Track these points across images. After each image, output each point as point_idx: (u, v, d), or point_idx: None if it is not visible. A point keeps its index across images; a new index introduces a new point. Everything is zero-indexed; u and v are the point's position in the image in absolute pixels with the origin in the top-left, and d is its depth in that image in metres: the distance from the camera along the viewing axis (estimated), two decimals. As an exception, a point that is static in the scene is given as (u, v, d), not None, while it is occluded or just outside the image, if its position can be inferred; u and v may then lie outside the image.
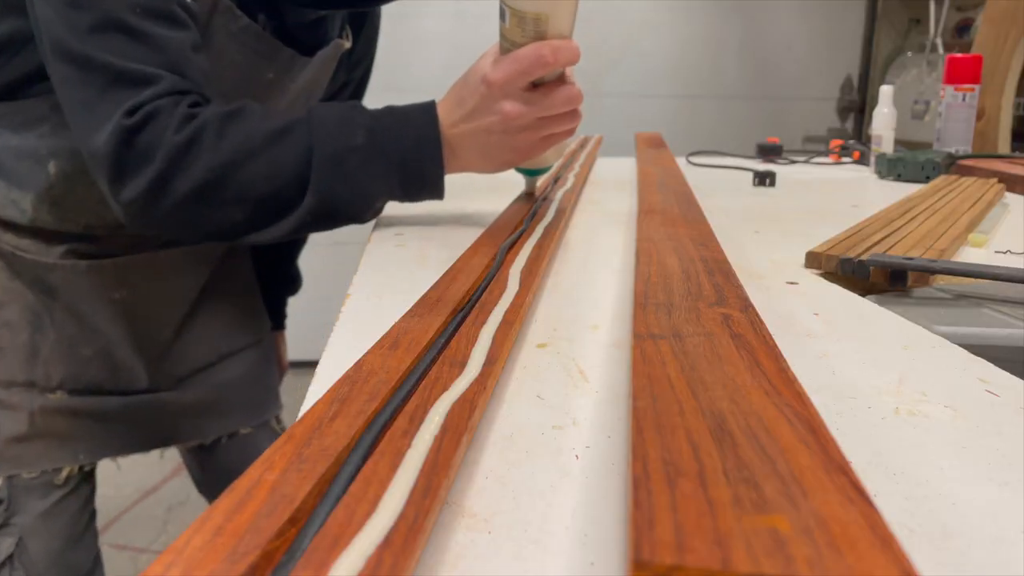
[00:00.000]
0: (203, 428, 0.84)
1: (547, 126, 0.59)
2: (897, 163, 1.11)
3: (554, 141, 0.62)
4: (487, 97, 0.58)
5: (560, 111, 0.58)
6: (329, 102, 0.62)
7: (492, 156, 0.61)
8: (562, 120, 0.59)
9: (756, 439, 0.22)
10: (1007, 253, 0.63)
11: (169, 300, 0.78)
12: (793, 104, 2.67)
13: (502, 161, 0.62)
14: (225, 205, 0.57)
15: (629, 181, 1.00)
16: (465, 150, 0.61)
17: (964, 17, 2.37)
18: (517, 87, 0.57)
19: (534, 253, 0.52)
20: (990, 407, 0.32)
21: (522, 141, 0.60)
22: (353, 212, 0.60)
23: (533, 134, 0.59)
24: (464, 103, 0.59)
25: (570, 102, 0.58)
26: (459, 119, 0.60)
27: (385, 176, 0.59)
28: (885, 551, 0.17)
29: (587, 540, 0.23)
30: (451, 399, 0.28)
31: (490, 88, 0.57)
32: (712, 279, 0.42)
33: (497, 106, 0.58)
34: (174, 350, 0.79)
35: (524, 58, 0.55)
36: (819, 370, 0.36)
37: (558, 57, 0.55)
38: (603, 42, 2.55)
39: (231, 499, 0.21)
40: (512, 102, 0.57)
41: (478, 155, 0.61)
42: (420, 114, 0.61)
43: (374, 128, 0.59)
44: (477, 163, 0.62)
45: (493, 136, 0.59)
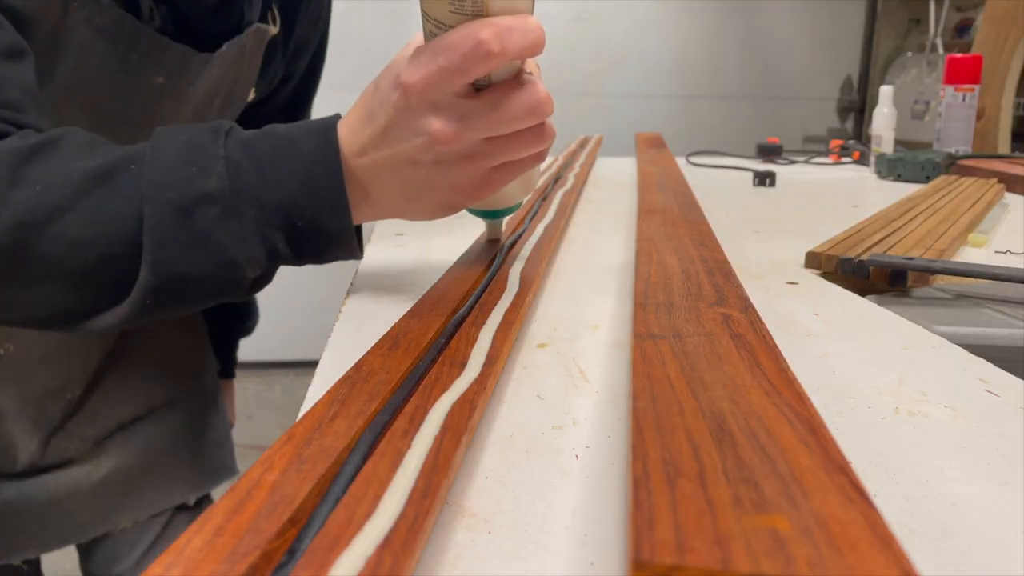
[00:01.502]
0: (128, 506, 0.65)
1: (500, 150, 0.39)
2: (897, 163, 1.11)
3: (514, 172, 0.41)
4: (404, 110, 0.38)
5: (517, 126, 0.38)
6: (183, 125, 0.42)
7: (422, 197, 0.41)
8: (522, 140, 0.39)
9: (756, 439, 0.22)
10: (1007, 253, 0.63)
11: (75, 350, 0.60)
12: (793, 104, 2.67)
13: (438, 203, 0.42)
14: (28, 282, 0.39)
15: (629, 181, 1.00)
16: (381, 189, 0.41)
17: (964, 17, 2.37)
18: (446, 93, 0.37)
19: (534, 253, 0.52)
20: (990, 407, 0.32)
21: (464, 175, 0.40)
22: (214, 289, 0.40)
23: (479, 163, 0.39)
24: (374, 118, 0.39)
25: (532, 113, 0.37)
26: (369, 143, 0.40)
27: (259, 234, 0.40)
28: (885, 551, 0.17)
29: (587, 540, 0.23)
30: (451, 399, 0.28)
31: (406, 95, 0.37)
32: (712, 279, 0.42)
33: (419, 123, 0.38)
34: (84, 410, 0.61)
35: (453, 48, 0.35)
36: (819, 370, 0.36)
37: (506, 44, 0.35)
38: (603, 42, 2.55)
39: (231, 499, 0.21)
40: (441, 117, 0.37)
41: (401, 196, 0.41)
42: (312, 138, 0.40)
43: (239, 163, 0.39)
44: (402, 207, 0.42)
45: (420, 168, 0.39)
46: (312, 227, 0.40)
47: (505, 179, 0.41)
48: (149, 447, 0.66)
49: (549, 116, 0.38)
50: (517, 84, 0.37)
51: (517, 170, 0.41)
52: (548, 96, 0.37)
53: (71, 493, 0.61)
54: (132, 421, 0.65)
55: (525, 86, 0.37)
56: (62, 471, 0.60)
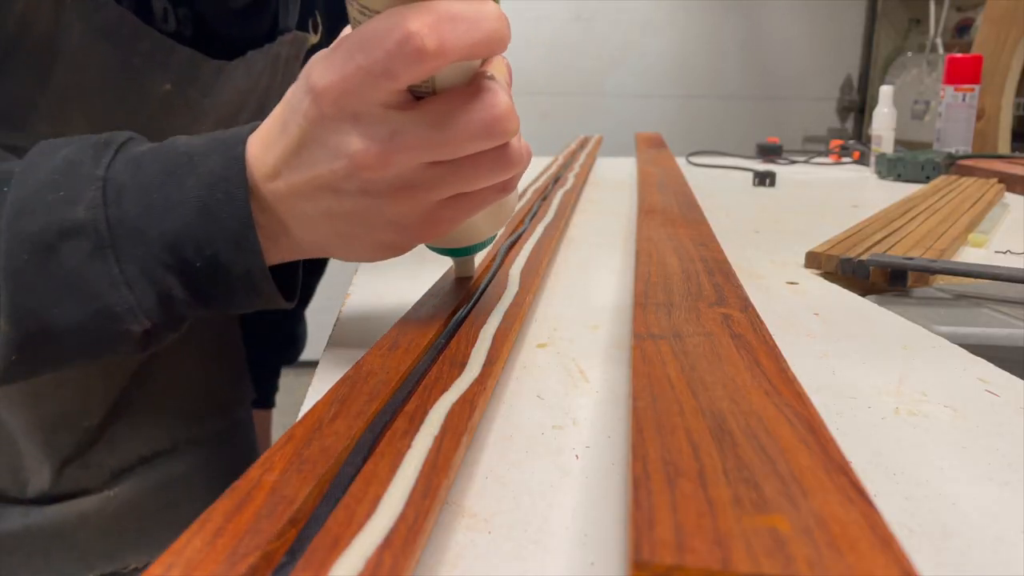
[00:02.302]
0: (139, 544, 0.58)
1: (448, 180, 0.30)
2: (897, 163, 1.11)
3: (470, 207, 0.32)
4: (317, 122, 0.29)
5: (469, 148, 0.29)
6: (80, 136, 0.34)
7: (355, 235, 0.32)
8: (478, 167, 0.30)
9: (756, 439, 0.22)
10: (1007, 253, 0.63)
11: (94, 376, 0.53)
12: (793, 104, 2.67)
13: (376, 243, 0.33)
14: None
15: (629, 181, 1.00)
16: (302, 222, 0.32)
17: (964, 17, 2.37)
18: (370, 102, 0.28)
19: (534, 253, 0.52)
20: (990, 407, 0.32)
21: (403, 210, 0.31)
22: (94, 344, 0.33)
23: (422, 196, 0.30)
24: (287, 131, 0.30)
25: (487, 131, 0.28)
26: (282, 162, 0.31)
27: (145, 276, 0.31)
28: (885, 551, 0.17)
29: (587, 540, 0.23)
30: (451, 399, 0.28)
31: (317, 104, 0.28)
32: (712, 279, 0.42)
33: (337, 140, 0.29)
34: (104, 439, 0.55)
35: (374, 42, 0.26)
36: (819, 370, 0.36)
37: (446, 39, 0.26)
38: (603, 42, 2.55)
39: (231, 500, 0.21)
40: (364, 134, 0.28)
41: (329, 232, 0.32)
42: (214, 154, 0.32)
43: (121, 186, 0.31)
44: (331, 246, 0.33)
45: (345, 199, 0.30)
46: (214, 267, 0.32)
47: (459, 216, 0.32)
48: (168, 483, 0.58)
49: (512, 135, 0.28)
50: (470, 93, 0.28)
51: (474, 205, 0.32)
52: (510, 110, 0.28)
53: (80, 525, 0.55)
54: (154, 455, 0.57)
55: (480, 96, 0.28)
56: (73, 501, 0.54)
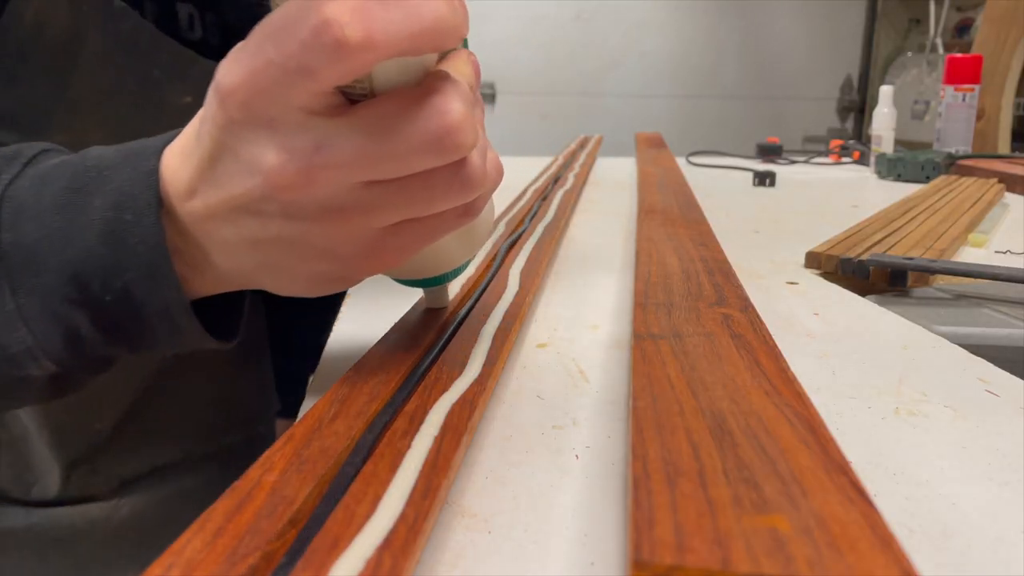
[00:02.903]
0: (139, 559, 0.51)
1: (392, 202, 0.25)
2: (897, 163, 1.11)
3: (423, 236, 0.27)
4: (226, 130, 0.24)
5: (415, 164, 0.24)
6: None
7: (285, 267, 0.27)
8: (428, 187, 0.25)
9: (756, 439, 0.22)
10: (1007, 253, 0.63)
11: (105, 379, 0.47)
12: (793, 104, 2.67)
13: (313, 276, 0.28)
14: None
15: (629, 181, 1.00)
16: (225, 250, 0.27)
17: (964, 17, 2.37)
18: (287, 105, 0.23)
19: (534, 253, 0.52)
20: (990, 407, 0.32)
21: (337, 237, 0.26)
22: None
23: (359, 221, 0.25)
24: (200, 141, 0.25)
25: (434, 144, 0.23)
26: (198, 178, 0.26)
27: (47, 312, 0.27)
28: (885, 551, 0.17)
29: (587, 540, 0.23)
30: (451, 399, 0.28)
31: (223, 107, 0.24)
32: (712, 279, 0.42)
33: (249, 152, 0.24)
34: (116, 445, 0.51)
35: (287, 32, 0.22)
36: (819, 370, 0.36)
37: (373, 28, 0.21)
38: (603, 42, 2.55)
39: (231, 500, 0.21)
40: (280, 145, 0.23)
41: (258, 262, 0.27)
42: (125, 167, 0.27)
43: (21, 206, 0.27)
44: (261, 278, 0.28)
45: (269, 223, 0.25)
46: (126, 302, 0.27)
47: (410, 245, 0.26)
48: (178, 497, 0.54)
49: (466, 149, 0.23)
50: (416, 97, 0.23)
51: (427, 233, 0.26)
52: (462, 118, 0.23)
53: (83, 533, 0.52)
54: (166, 466, 0.54)
55: (427, 101, 0.23)
56: (79, 507, 0.51)
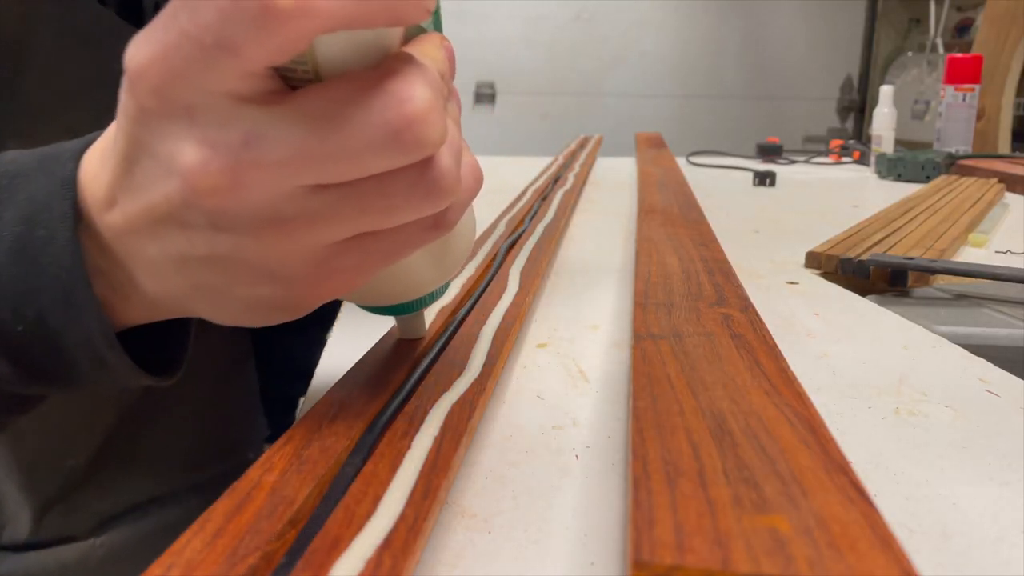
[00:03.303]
0: None
1: (344, 211, 0.20)
2: (897, 163, 1.11)
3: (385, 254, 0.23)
4: (139, 120, 0.20)
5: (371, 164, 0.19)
6: None
7: (220, 291, 0.23)
8: (386, 192, 0.20)
9: (756, 439, 0.22)
10: (1007, 253, 0.63)
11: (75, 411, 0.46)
12: (793, 104, 2.67)
13: (254, 303, 0.23)
14: None
15: (629, 181, 1.00)
16: (151, 270, 0.23)
17: (964, 17, 2.37)
18: (207, 90, 0.19)
19: (534, 253, 0.52)
20: (990, 407, 0.32)
21: (277, 256, 0.22)
22: None
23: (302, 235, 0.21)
24: (117, 139, 0.21)
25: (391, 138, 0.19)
26: (116, 182, 0.22)
27: None
28: (885, 551, 0.17)
29: (587, 540, 0.23)
30: (451, 400, 0.28)
31: (133, 91, 0.19)
32: (712, 279, 0.42)
33: (168, 149, 0.20)
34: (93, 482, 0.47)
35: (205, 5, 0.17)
36: (819, 370, 0.36)
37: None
38: (603, 42, 2.55)
39: (231, 501, 0.21)
40: (199, 137, 0.19)
41: (188, 285, 0.23)
42: (40, 174, 0.23)
43: None
44: (195, 304, 0.24)
45: (196, 237, 0.21)
46: (41, 331, 0.23)
47: (368, 265, 0.22)
48: (162, 532, 0.48)
49: (432, 145, 0.19)
50: (370, 82, 0.19)
51: (390, 250, 0.22)
52: (427, 107, 0.19)
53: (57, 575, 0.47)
54: (149, 501, 0.49)
55: (383, 86, 0.19)
56: (54, 549, 0.47)
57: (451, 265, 0.29)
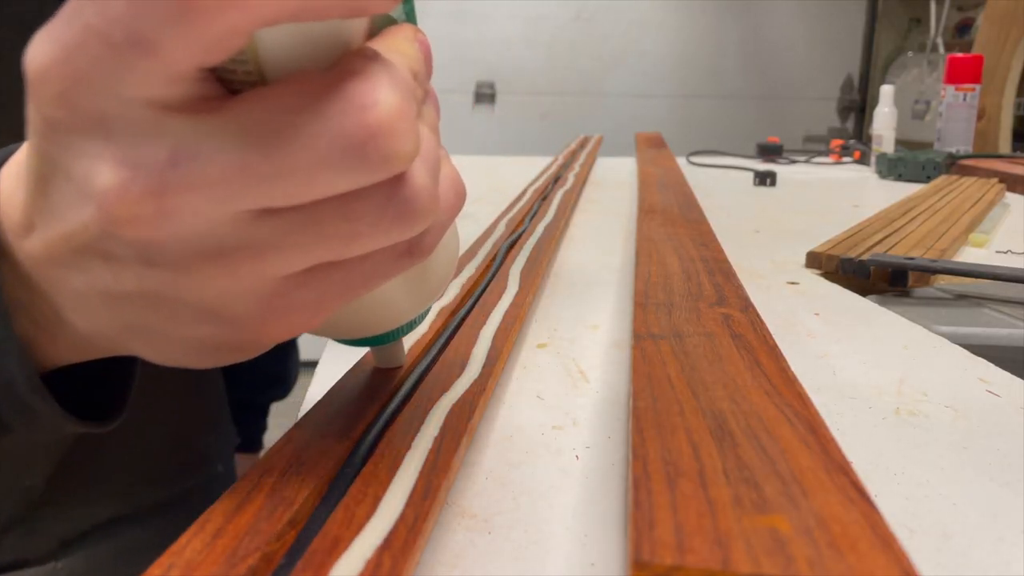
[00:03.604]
0: None
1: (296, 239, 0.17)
2: (898, 163, 1.11)
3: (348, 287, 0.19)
4: (46, 134, 0.17)
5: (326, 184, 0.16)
6: None
7: (154, 330, 0.20)
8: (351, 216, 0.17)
9: (756, 439, 0.22)
10: (1008, 253, 0.63)
11: None
12: (793, 104, 2.67)
13: (190, 344, 0.20)
14: None
15: (629, 181, 0.99)
16: (75, 305, 0.20)
17: (964, 17, 2.37)
18: (122, 95, 0.15)
19: (534, 253, 0.52)
20: (991, 407, 0.32)
21: (218, 292, 0.18)
22: None
23: (247, 268, 0.18)
24: (30, 153, 0.18)
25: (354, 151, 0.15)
26: (32, 204, 0.18)
27: None
28: (886, 551, 0.17)
29: (587, 540, 0.23)
30: (451, 400, 0.28)
31: (36, 100, 0.16)
32: (712, 279, 0.42)
33: (83, 168, 0.16)
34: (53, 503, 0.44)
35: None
36: (820, 370, 0.36)
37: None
38: (603, 41, 2.55)
39: (230, 501, 0.21)
40: (116, 158, 0.16)
41: (115, 323, 0.20)
42: None
43: None
44: (127, 343, 0.21)
45: (123, 272, 0.18)
46: None
47: (328, 300, 0.19)
48: (129, 552, 0.46)
49: (401, 159, 0.16)
50: (325, 84, 0.16)
51: (352, 282, 0.19)
52: (395, 115, 0.16)
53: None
54: (112, 520, 0.45)
55: (341, 89, 0.16)
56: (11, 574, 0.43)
57: (431, 291, 0.25)
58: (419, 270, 0.24)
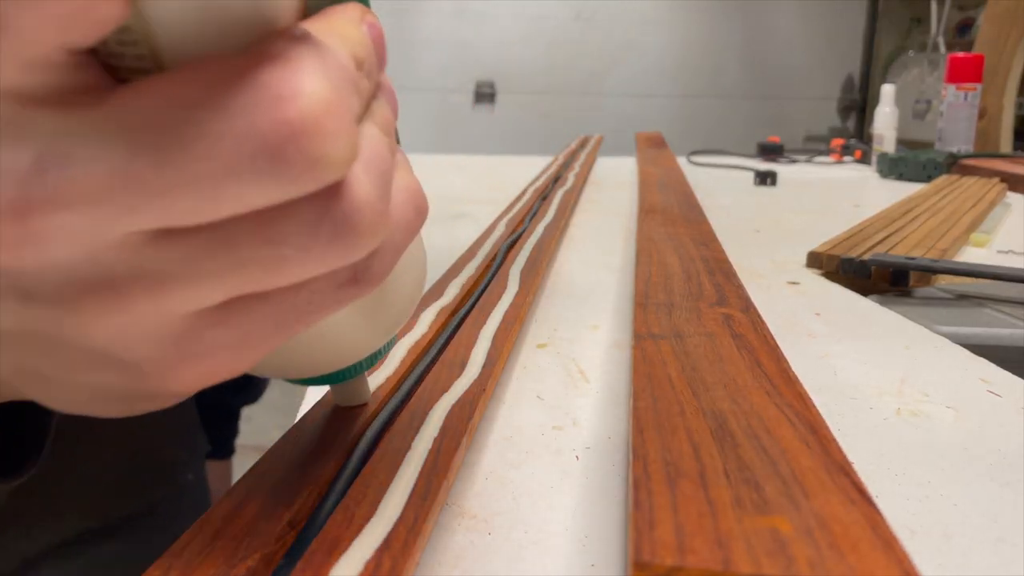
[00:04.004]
0: None
1: (206, 264, 0.13)
2: (899, 162, 1.11)
3: (277, 324, 0.15)
4: None
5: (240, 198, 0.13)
6: None
7: (46, 376, 0.16)
8: (275, 237, 0.13)
9: (757, 439, 0.22)
10: (1009, 253, 0.63)
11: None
12: (794, 103, 2.67)
13: (89, 391, 0.16)
14: None
15: (629, 181, 0.99)
16: None
17: (965, 16, 2.37)
18: None
19: (534, 253, 0.52)
20: (992, 407, 0.32)
21: (111, 331, 0.14)
22: None
23: (143, 303, 0.14)
24: None
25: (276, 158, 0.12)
26: None
27: None
28: (887, 552, 0.17)
29: (587, 541, 0.23)
30: (451, 400, 0.28)
31: None
32: (713, 279, 0.42)
33: None
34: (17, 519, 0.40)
35: None
36: (820, 370, 0.36)
37: None
38: (603, 41, 2.55)
39: (229, 502, 0.20)
40: None
41: (9, 368, 0.16)
42: None
43: None
44: (26, 389, 0.17)
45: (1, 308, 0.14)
46: None
47: (253, 342, 0.16)
48: (97, 569, 0.44)
49: (333, 167, 0.13)
50: (235, 71, 0.13)
51: (283, 318, 0.15)
52: (325, 109, 0.13)
53: None
54: (79, 537, 0.43)
55: (255, 76, 0.12)
56: None
57: (392, 320, 0.21)
58: (375, 298, 0.20)
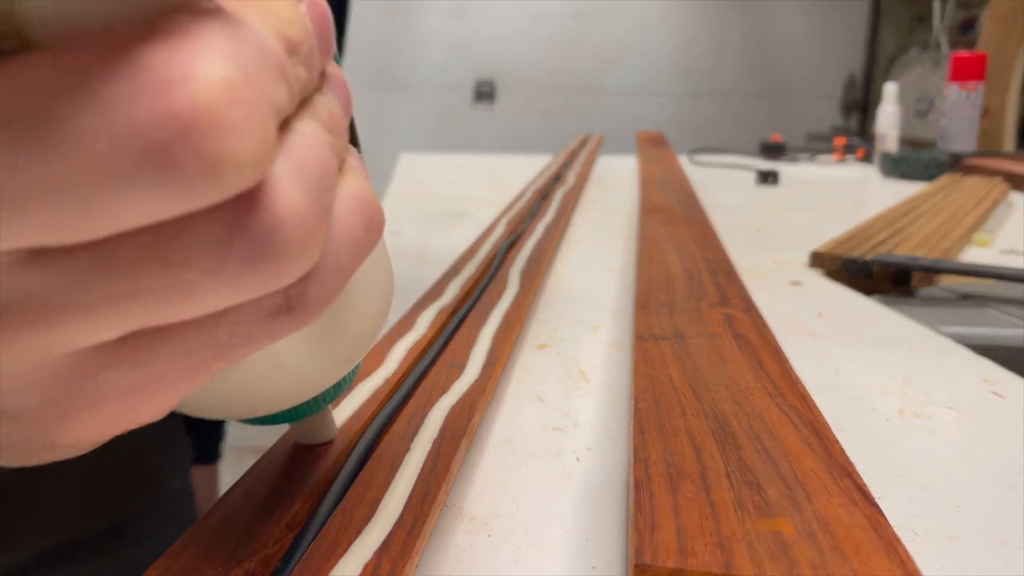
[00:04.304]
0: None
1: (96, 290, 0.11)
2: (901, 162, 1.10)
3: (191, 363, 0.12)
4: None
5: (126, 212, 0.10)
6: None
7: None
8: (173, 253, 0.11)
9: (759, 441, 0.22)
10: (1012, 252, 0.63)
11: None
12: (796, 102, 2.67)
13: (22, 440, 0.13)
14: None
15: (630, 180, 0.99)
16: None
17: (968, 15, 2.37)
18: None
19: (534, 253, 0.52)
20: (995, 408, 0.32)
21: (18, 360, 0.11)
22: None
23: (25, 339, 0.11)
24: None
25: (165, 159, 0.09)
26: None
27: None
28: (890, 554, 0.16)
29: (588, 543, 0.22)
30: (450, 401, 0.28)
31: None
32: (714, 279, 0.41)
33: None
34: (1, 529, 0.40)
35: None
36: (823, 371, 0.36)
37: None
38: (604, 39, 2.55)
39: (227, 505, 0.20)
40: None
41: None
42: None
43: None
44: None
45: None
46: None
47: (163, 381, 0.13)
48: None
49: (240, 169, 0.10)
50: (121, 50, 0.09)
51: (195, 355, 0.13)
52: (224, 95, 0.10)
53: None
54: (62, 548, 0.42)
55: (144, 56, 0.09)
56: None
57: (350, 350, 0.18)
58: (326, 326, 0.17)
